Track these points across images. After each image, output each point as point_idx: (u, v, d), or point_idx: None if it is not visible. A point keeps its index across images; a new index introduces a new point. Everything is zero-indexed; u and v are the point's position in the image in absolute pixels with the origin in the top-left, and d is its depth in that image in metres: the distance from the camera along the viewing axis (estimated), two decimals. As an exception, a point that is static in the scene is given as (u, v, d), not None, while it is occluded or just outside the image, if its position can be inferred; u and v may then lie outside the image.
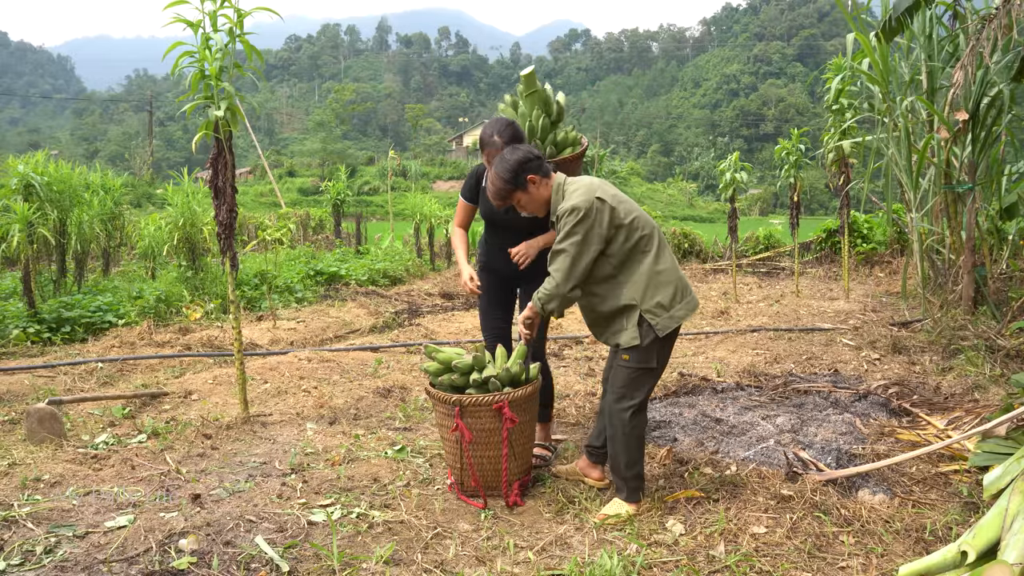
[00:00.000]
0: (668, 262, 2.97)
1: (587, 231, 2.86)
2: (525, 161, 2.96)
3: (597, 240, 2.88)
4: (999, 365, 5.05)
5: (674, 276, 2.96)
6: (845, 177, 9.10)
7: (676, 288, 2.94)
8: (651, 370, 2.98)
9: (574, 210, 2.85)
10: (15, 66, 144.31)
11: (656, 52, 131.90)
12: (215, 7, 4.09)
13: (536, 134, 3.61)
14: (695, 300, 3.03)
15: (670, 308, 2.91)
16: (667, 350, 3.04)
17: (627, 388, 2.99)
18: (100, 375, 5.60)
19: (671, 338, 3.02)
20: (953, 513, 2.95)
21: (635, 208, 2.99)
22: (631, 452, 3.02)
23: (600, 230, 2.87)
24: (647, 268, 2.92)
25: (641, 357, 2.95)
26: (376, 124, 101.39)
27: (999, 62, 6.04)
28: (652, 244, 2.95)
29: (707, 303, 9.62)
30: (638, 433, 3.02)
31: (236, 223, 4.40)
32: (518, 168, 2.95)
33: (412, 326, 7.97)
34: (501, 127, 3.34)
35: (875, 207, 13.16)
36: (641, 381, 3.00)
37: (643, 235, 2.94)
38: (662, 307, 2.90)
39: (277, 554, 2.68)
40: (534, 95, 3.62)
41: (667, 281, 2.93)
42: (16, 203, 7.26)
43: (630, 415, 2.99)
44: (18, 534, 2.83)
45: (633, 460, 3.03)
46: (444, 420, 3.25)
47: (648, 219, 3.00)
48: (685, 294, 2.98)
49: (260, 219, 17.28)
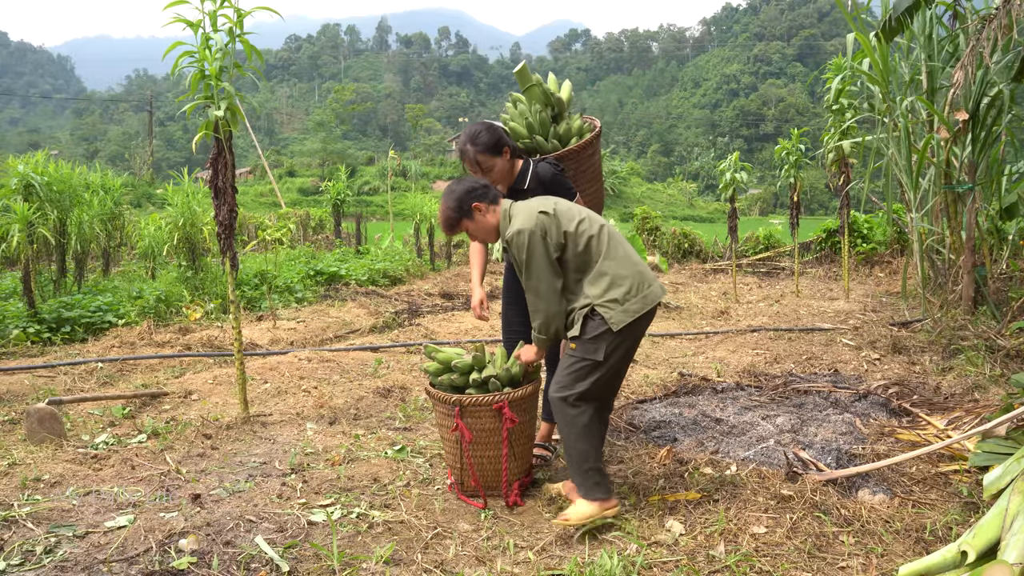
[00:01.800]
0: (620, 256, 2.94)
1: (541, 251, 2.88)
2: (471, 190, 3.02)
3: (552, 252, 2.90)
4: (999, 365, 5.05)
5: (629, 270, 2.93)
6: (845, 177, 9.10)
7: (632, 282, 2.91)
8: (596, 363, 2.89)
9: (519, 233, 2.88)
10: (15, 66, 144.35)
11: (656, 52, 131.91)
12: (215, 7, 4.09)
13: (536, 130, 3.58)
14: (656, 292, 2.96)
15: (623, 302, 2.87)
16: (623, 348, 2.94)
17: (568, 378, 2.92)
18: (100, 375, 5.60)
19: (629, 335, 2.92)
20: (953, 513, 2.95)
21: (579, 212, 2.99)
22: (578, 445, 2.91)
23: (551, 241, 2.90)
24: (598, 266, 2.92)
25: (587, 348, 2.89)
26: (376, 124, 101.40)
27: (999, 62, 6.04)
28: (602, 242, 2.95)
29: (707, 303, 9.62)
30: (582, 423, 2.90)
31: (236, 223, 4.40)
32: (464, 197, 3.01)
33: (412, 326, 7.97)
34: (474, 134, 3.30)
35: (875, 207, 13.17)
36: (584, 373, 2.90)
37: (591, 236, 2.94)
38: (615, 301, 2.86)
39: (277, 554, 2.68)
40: (531, 90, 3.60)
41: (621, 275, 2.90)
42: (16, 203, 7.26)
43: (568, 405, 2.90)
44: (18, 534, 2.83)
45: (583, 454, 2.91)
46: (444, 420, 3.25)
47: (595, 219, 3.01)
48: (642, 288, 2.92)
49: (260, 219, 17.29)
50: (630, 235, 11.78)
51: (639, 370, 5.73)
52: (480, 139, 3.28)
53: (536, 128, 3.57)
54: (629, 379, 5.38)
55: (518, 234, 2.88)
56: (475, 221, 3.03)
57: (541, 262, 2.88)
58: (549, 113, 3.64)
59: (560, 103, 3.68)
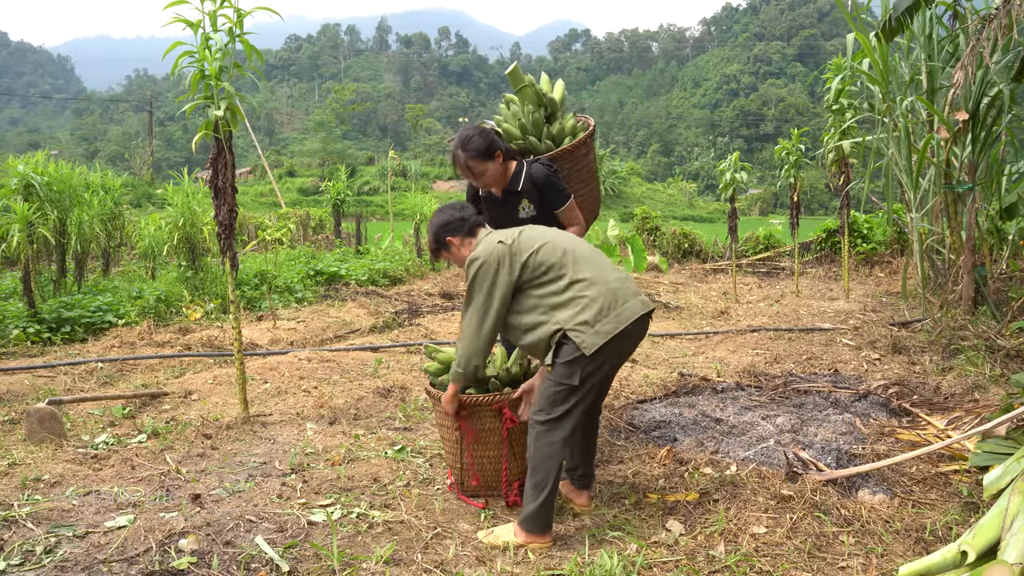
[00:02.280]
0: (588, 277, 2.81)
1: (492, 281, 2.83)
2: (446, 224, 3.04)
3: (504, 285, 2.83)
4: (999, 365, 5.05)
5: (599, 291, 2.79)
6: (845, 177, 9.10)
7: (604, 302, 2.77)
8: (573, 388, 2.77)
9: (472, 262, 2.86)
10: (15, 66, 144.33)
11: (656, 52, 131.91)
12: (215, 7, 4.09)
13: (529, 131, 3.57)
14: (632, 308, 2.81)
15: (595, 323, 2.74)
16: (601, 371, 2.82)
17: (545, 402, 2.82)
18: (100, 375, 5.60)
19: (606, 356, 2.79)
20: (953, 513, 2.95)
21: (541, 239, 2.90)
22: (541, 474, 2.79)
23: (505, 272, 2.83)
24: (567, 291, 2.81)
25: (563, 372, 2.77)
26: (376, 124, 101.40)
27: (999, 62, 6.04)
28: (565, 267, 2.84)
29: (707, 303, 9.62)
30: (548, 454, 2.78)
31: (236, 223, 4.40)
32: (439, 231, 3.05)
33: (412, 326, 7.97)
34: (465, 139, 3.29)
35: (875, 207, 13.17)
36: (560, 398, 2.79)
37: (551, 264, 2.84)
38: (586, 324, 2.74)
39: (277, 554, 2.68)
40: (523, 91, 3.59)
41: (591, 297, 2.78)
42: (16, 203, 7.26)
43: (542, 431, 2.80)
44: (18, 534, 2.83)
45: (542, 486, 2.79)
46: (444, 420, 3.25)
47: (557, 245, 2.89)
48: (615, 306, 2.78)
49: (260, 219, 17.29)
50: (630, 235, 11.76)
51: (639, 370, 5.73)
52: (471, 144, 3.26)
53: (529, 129, 3.56)
54: (629, 379, 5.38)
55: (471, 263, 2.87)
56: (451, 253, 3.06)
57: (482, 296, 2.83)
58: (542, 113, 3.63)
59: (553, 103, 3.66)
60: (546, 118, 3.66)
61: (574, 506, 3.17)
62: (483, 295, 2.84)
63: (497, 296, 2.83)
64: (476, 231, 3.04)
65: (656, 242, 16.18)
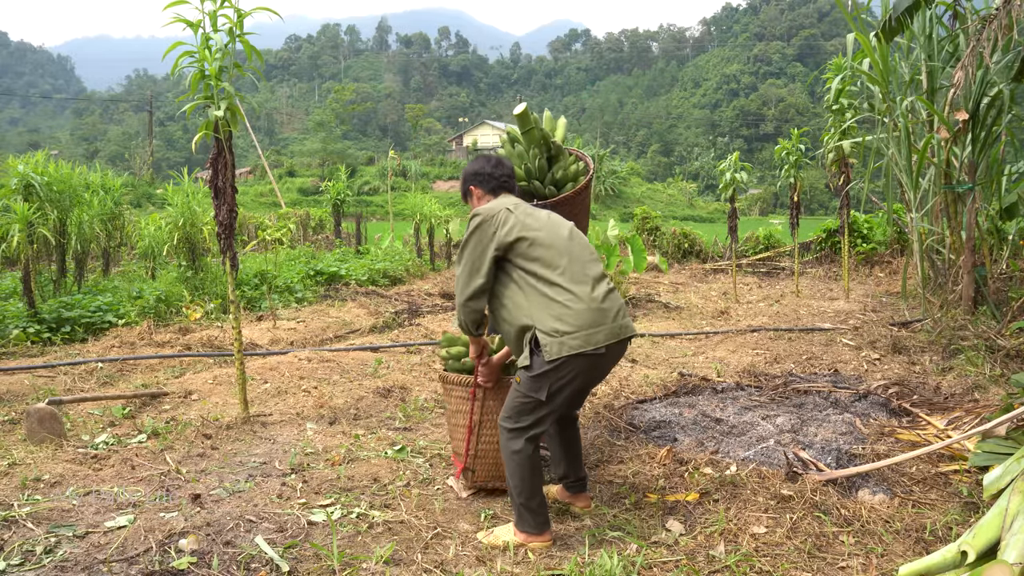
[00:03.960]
0: (574, 291, 2.73)
1: (482, 237, 2.80)
2: (475, 173, 3.08)
3: (495, 244, 2.78)
4: (999, 365, 5.05)
5: (582, 307, 2.71)
6: (845, 177, 9.10)
7: (582, 321, 2.69)
8: (539, 402, 2.74)
9: (474, 217, 2.86)
10: (15, 66, 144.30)
11: (656, 52, 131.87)
12: (215, 7, 4.09)
13: (534, 175, 3.58)
14: (608, 331, 2.72)
15: (563, 335, 2.67)
16: (569, 389, 2.75)
17: (512, 410, 2.80)
18: (100, 375, 5.60)
19: (575, 375, 2.72)
20: (953, 513, 2.95)
21: (547, 227, 2.84)
22: (516, 479, 2.78)
23: (501, 233, 2.78)
24: (549, 290, 2.74)
25: (530, 385, 2.73)
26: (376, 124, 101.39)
27: (999, 62, 6.04)
28: (557, 266, 2.76)
29: (707, 303, 9.62)
30: (521, 460, 2.76)
31: (236, 223, 4.40)
32: (467, 176, 3.11)
33: (412, 326, 7.97)
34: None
35: (875, 207, 13.17)
36: (527, 410, 2.76)
37: (546, 254, 2.78)
38: (556, 332, 2.68)
39: (277, 554, 2.68)
40: (531, 133, 3.59)
41: (575, 310, 2.70)
42: (16, 203, 7.26)
43: (509, 437, 2.79)
44: (18, 534, 2.83)
45: (516, 488, 2.78)
46: (459, 405, 3.27)
47: (561, 243, 2.82)
48: (591, 326, 2.70)
49: (260, 219, 17.30)
50: (630, 235, 11.76)
51: (639, 370, 5.73)
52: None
53: (534, 173, 3.59)
54: (629, 379, 5.39)
55: (473, 217, 2.88)
56: (470, 203, 3.12)
57: (472, 251, 2.82)
58: (545, 156, 3.64)
59: (557, 147, 3.68)
60: (548, 159, 3.67)
61: (574, 507, 3.17)
62: (471, 248, 2.83)
63: (487, 254, 2.80)
64: (499, 193, 3.04)
65: (656, 242, 16.18)
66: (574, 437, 3.16)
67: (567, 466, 3.13)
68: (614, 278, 8.81)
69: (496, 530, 2.88)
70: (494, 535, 2.85)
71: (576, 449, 3.15)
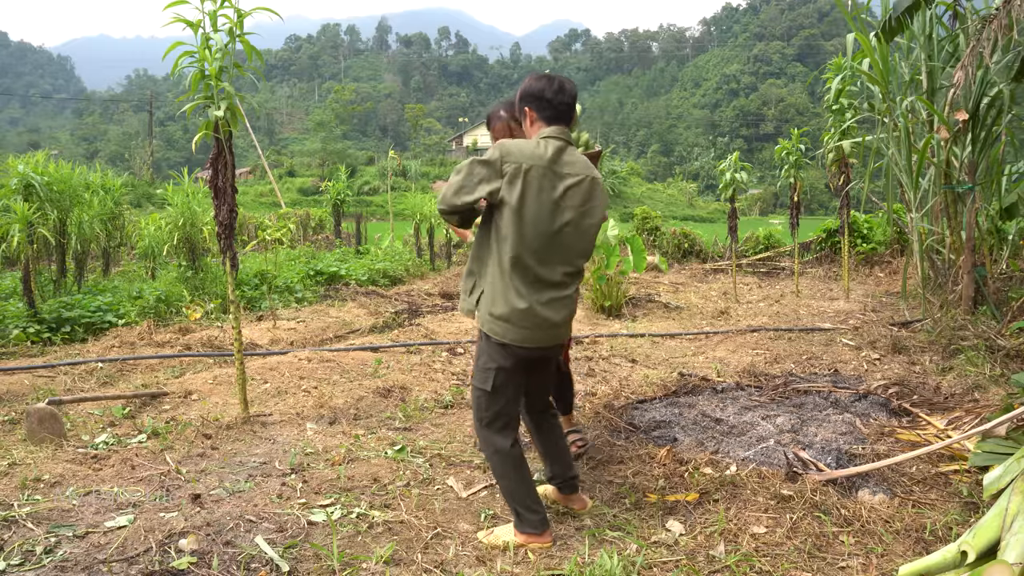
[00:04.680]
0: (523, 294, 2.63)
1: (485, 165, 2.58)
2: (532, 95, 2.72)
3: (492, 174, 2.57)
4: (999, 365, 5.05)
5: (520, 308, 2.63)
6: (845, 177, 9.10)
7: (524, 314, 2.64)
8: (487, 393, 2.72)
9: (496, 147, 2.63)
10: (15, 66, 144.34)
11: (656, 52, 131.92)
12: (215, 7, 4.09)
13: None
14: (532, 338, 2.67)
15: (499, 319, 2.64)
16: (513, 384, 2.73)
17: (473, 403, 2.82)
18: (100, 375, 5.60)
19: (514, 368, 2.70)
20: (953, 513, 2.95)
21: (548, 204, 2.63)
22: (499, 477, 2.79)
23: (506, 171, 2.56)
24: (507, 268, 2.62)
25: (479, 376, 2.75)
26: (376, 124, 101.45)
27: (999, 62, 6.04)
28: (523, 250, 2.60)
29: (707, 303, 9.62)
30: (495, 461, 2.75)
31: (236, 223, 4.40)
32: (523, 96, 2.77)
33: (412, 326, 7.97)
34: (508, 103, 3.31)
35: (875, 207, 13.16)
36: (483, 404, 2.75)
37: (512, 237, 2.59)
38: (500, 318, 2.65)
39: (277, 554, 2.68)
40: None
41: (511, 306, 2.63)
42: (16, 203, 7.25)
43: (481, 433, 2.80)
44: (18, 534, 2.83)
45: (507, 489, 2.77)
46: None
47: (545, 228, 2.62)
48: (531, 324, 2.65)
49: (260, 219, 17.28)
50: (630, 235, 11.75)
51: (639, 370, 5.73)
52: None
53: None
54: (629, 379, 5.39)
55: (499, 145, 2.63)
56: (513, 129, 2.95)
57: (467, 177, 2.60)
58: None
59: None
60: None
61: (574, 509, 3.16)
62: (468, 167, 2.62)
63: (479, 180, 2.59)
64: (554, 123, 2.71)
65: (656, 242, 16.18)
66: (551, 435, 3.09)
67: (551, 466, 3.09)
68: (614, 278, 8.81)
69: (496, 530, 2.88)
70: (494, 535, 2.84)
71: (557, 447, 3.08)
